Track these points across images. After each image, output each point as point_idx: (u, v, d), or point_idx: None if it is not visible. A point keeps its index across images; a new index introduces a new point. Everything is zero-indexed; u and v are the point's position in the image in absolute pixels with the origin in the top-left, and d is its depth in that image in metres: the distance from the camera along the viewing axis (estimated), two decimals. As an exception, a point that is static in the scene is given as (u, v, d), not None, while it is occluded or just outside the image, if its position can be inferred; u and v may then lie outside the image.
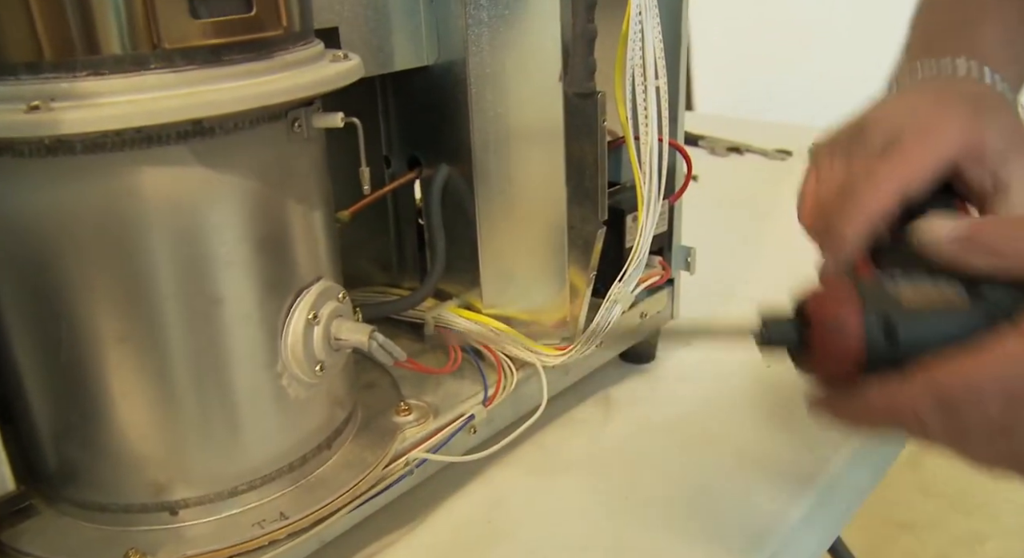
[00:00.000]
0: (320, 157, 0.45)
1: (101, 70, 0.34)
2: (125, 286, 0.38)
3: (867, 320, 0.34)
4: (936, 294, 0.34)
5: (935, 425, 0.33)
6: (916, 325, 0.34)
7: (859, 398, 0.35)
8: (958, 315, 0.34)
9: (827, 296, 0.35)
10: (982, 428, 0.33)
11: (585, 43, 0.50)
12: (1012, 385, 0.32)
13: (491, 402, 0.54)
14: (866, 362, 0.34)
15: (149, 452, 0.42)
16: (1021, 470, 0.35)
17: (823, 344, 0.35)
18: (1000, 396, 0.32)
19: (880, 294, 0.35)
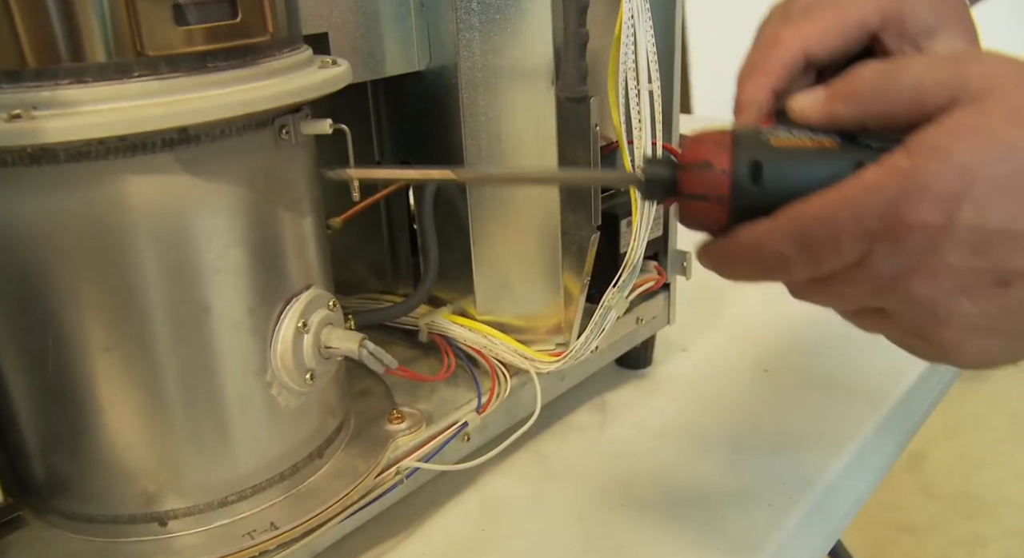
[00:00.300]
0: (310, 164, 0.44)
1: (84, 78, 0.34)
2: (111, 295, 0.38)
3: (734, 160, 0.33)
4: (809, 140, 0.34)
5: (797, 265, 0.33)
6: (783, 164, 0.33)
7: (729, 240, 0.34)
8: (827, 155, 0.33)
9: (700, 139, 0.35)
10: (839, 265, 0.32)
11: (577, 47, 0.50)
12: (864, 214, 0.30)
13: (485, 409, 0.53)
14: (733, 204, 0.33)
15: (138, 462, 0.42)
16: (882, 323, 0.34)
17: (691, 184, 0.34)
18: (854, 227, 0.31)
19: (753, 139, 0.34)
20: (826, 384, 0.66)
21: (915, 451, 1.94)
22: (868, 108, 0.33)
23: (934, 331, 0.32)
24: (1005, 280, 0.30)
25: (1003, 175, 0.29)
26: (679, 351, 0.73)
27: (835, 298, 0.34)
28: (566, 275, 0.57)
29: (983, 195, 0.29)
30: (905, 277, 0.31)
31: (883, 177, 0.30)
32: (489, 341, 0.57)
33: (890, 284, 0.31)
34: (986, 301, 0.31)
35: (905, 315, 0.32)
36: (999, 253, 0.30)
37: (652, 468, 0.57)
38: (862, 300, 0.33)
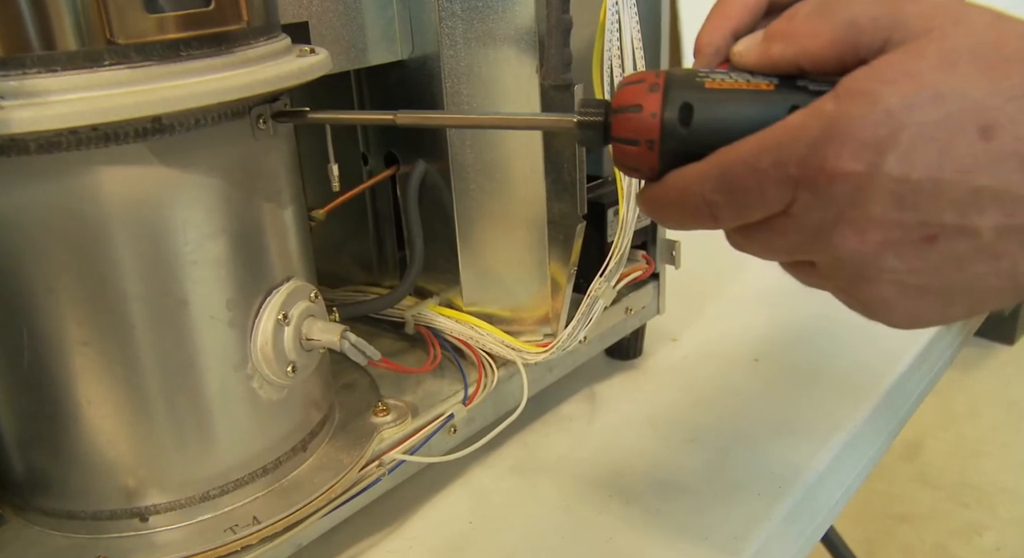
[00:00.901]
0: (289, 154, 0.44)
1: (53, 67, 0.33)
2: (86, 289, 0.38)
3: (665, 102, 0.32)
4: (746, 82, 0.32)
5: (723, 210, 0.31)
6: (715, 107, 0.31)
7: (660, 185, 0.33)
8: (761, 97, 0.31)
9: (632, 80, 0.33)
10: (765, 212, 0.31)
11: (560, 34, 0.50)
12: (786, 159, 0.29)
13: (471, 401, 0.53)
14: (663, 148, 0.32)
15: (117, 458, 0.41)
16: (815, 277, 0.33)
17: (621, 128, 0.33)
18: (775, 173, 0.29)
19: (686, 81, 0.32)
20: (816, 374, 0.65)
21: (911, 441, 1.94)
22: (802, 47, 0.31)
23: (862, 287, 0.31)
24: (932, 234, 0.28)
25: (931, 123, 0.27)
26: (669, 341, 0.72)
27: (766, 248, 0.32)
28: (553, 265, 0.56)
29: (909, 143, 0.27)
30: (829, 229, 0.29)
31: (807, 120, 0.29)
32: (476, 332, 0.57)
33: (815, 236, 0.30)
34: (913, 256, 0.29)
35: (833, 269, 0.31)
36: (925, 205, 0.28)
37: (641, 458, 0.57)
38: (792, 252, 0.32)
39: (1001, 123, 0.27)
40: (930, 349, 0.70)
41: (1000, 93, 0.27)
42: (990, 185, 0.27)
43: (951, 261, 0.29)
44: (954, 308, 0.30)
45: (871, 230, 0.29)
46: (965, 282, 0.29)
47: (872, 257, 0.29)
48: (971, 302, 0.30)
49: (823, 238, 0.30)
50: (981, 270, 0.29)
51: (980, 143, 0.27)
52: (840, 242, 0.29)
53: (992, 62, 0.27)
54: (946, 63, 0.27)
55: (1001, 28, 0.28)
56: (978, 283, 0.29)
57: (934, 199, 0.28)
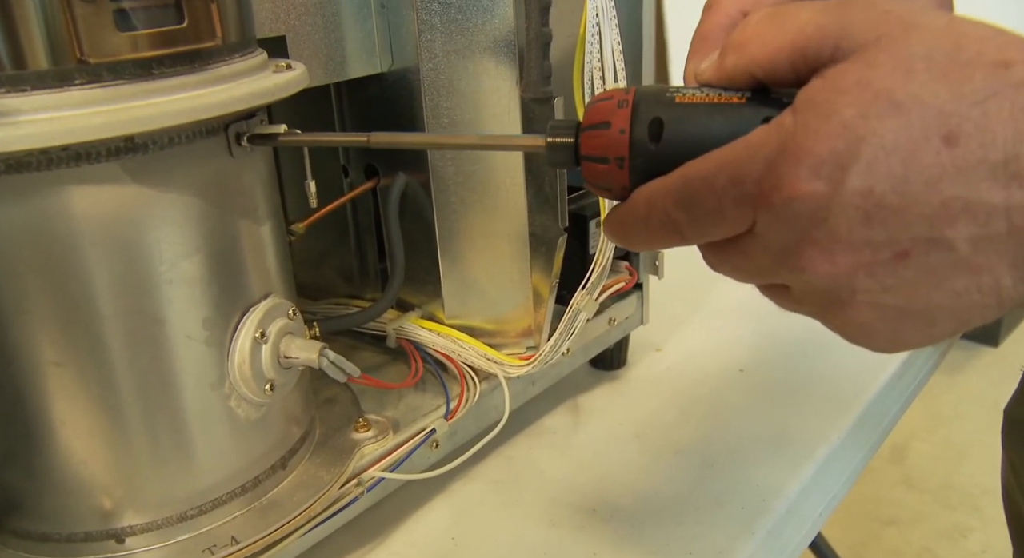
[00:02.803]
0: (266, 170, 0.44)
1: (22, 86, 0.33)
2: (59, 309, 0.37)
3: (634, 118, 0.31)
4: (716, 96, 0.31)
5: (685, 226, 0.30)
6: (685, 122, 0.30)
7: (626, 203, 0.32)
8: (732, 110, 0.30)
9: (601, 98, 0.32)
10: (728, 231, 0.29)
11: (539, 47, 0.49)
12: (743, 177, 0.28)
13: (453, 416, 0.53)
14: (633, 166, 0.31)
15: (93, 478, 0.41)
16: (791, 300, 0.31)
17: (590, 145, 0.32)
18: (733, 191, 0.28)
19: (656, 96, 0.31)
20: (801, 384, 0.65)
21: (897, 444, 1.95)
22: (752, 56, 0.30)
23: (838, 312, 0.29)
24: (904, 251, 0.27)
25: (891, 133, 0.26)
26: (653, 351, 0.72)
27: (737, 270, 0.31)
28: (535, 277, 0.56)
29: (870, 156, 0.26)
30: (795, 251, 0.28)
31: (765, 136, 0.28)
32: (458, 346, 0.56)
33: (783, 258, 0.28)
34: (886, 276, 0.27)
35: (806, 293, 0.29)
36: (893, 221, 0.26)
37: (625, 471, 0.57)
38: (763, 274, 0.30)
39: (965, 129, 0.25)
40: (913, 358, 0.70)
41: (962, 98, 0.25)
42: (959, 194, 0.26)
43: (928, 278, 0.27)
44: (937, 328, 0.29)
45: (839, 251, 0.27)
46: (946, 300, 0.28)
47: (844, 279, 0.28)
48: (954, 320, 0.28)
49: (791, 261, 0.28)
50: (961, 286, 0.27)
51: (945, 151, 0.25)
52: (808, 265, 0.28)
53: (951, 66, 0.26)
54: (902, 70, 0.26)
55: (959, 31, 0.27)
56: (960, 300, 0.27)
57: (902, 213, 0.26)
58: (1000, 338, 2.35)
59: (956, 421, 2.03)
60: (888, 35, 0.27)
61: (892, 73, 0.26)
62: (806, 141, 0.26)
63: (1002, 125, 0.25)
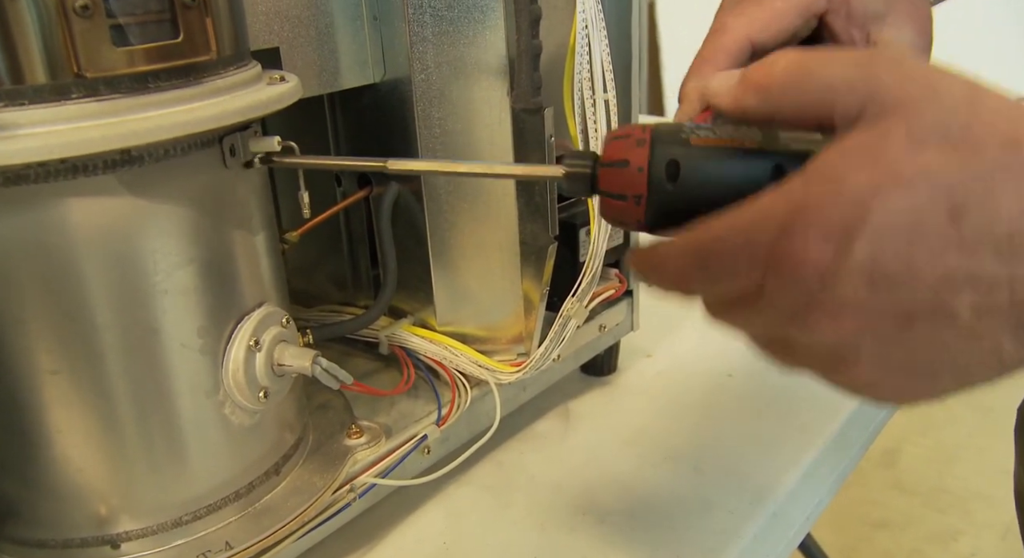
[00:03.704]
0: (260, 181, 0.44)
1: (20, 100, 0.33)
2: (56, 318, 0.38)
3: (652, 158, 0.32)
4: (729, 139, 0.32)
5: (697, 284, 0.31)
6: (701, 164, 0.32)
7: (649, 250, 0.32)
8: (745, 156, 0.31)
9: (620, 135, 0.33)
10: (738, 290, 0.30)
11: (530, 59, 0.50)
12: (755, 242, 0.29)
13: (444, 422, 0.53)
14: (650, 203, 0.32)
15: (89, 485, 0.41)
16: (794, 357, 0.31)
17: (609, 182, 0.33)
18: (745, 254, 0.29)
19: (673, 136, 0.32)
20: (788, 389, 0.66)
21: (889, 448, 1.96)
22: (777, 104, 0.31)
23: (843, 371, 0.30)
24: (908, 316, 0.28)
25: (899, 208, 0.27)
26: (644, 357, 0.73)
27: (744, 326, 0.32)
28: (526, 285, 0.57)
29: (878, 229, 0.27)
30: (803, 312, 0.29)
31: (775, 203, 0.29)
32: (449, 352, 0.57)
33: (789, 319, 0.29)
34: (891, 340, 0.28)
35: (812, 352, 0.30)
36: (898, 289, 0.27)
37: (614, 476, 0.57)
38: (768, 331, 0.31)
39: (971, 204, 0.26)
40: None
41: (970, 173, 0.26)
42: (963, 267, 0.26)
43: (931, 342, 0.28)
44: (942, 384, 0.29)
45: (845, 315, 0.28)
46: (948, 362, 0.28)
47: (850, 340, 0.29)
48: (958, 379, 0.29)
49: (798, 321, 0.29)
50: (963, 350, 0.28)
51: (950, 226, 0.26)
52: (815, 326, 0.29)
53: (963, 141, 0.27)
54: (915, 142, 0.27)
55: (976, 102, 0.28)
56: (962, 362, 0.28)
57: (907, 283, 0.27)
58: (991, 342, 2.36)
59: (947, 425, 2.04)
60: (910, 101, 0.27)
61: (905, 147, 0.27)
62: (817, 212, 0.27)
63: (1007, 201, 0.26)
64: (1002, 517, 1.73)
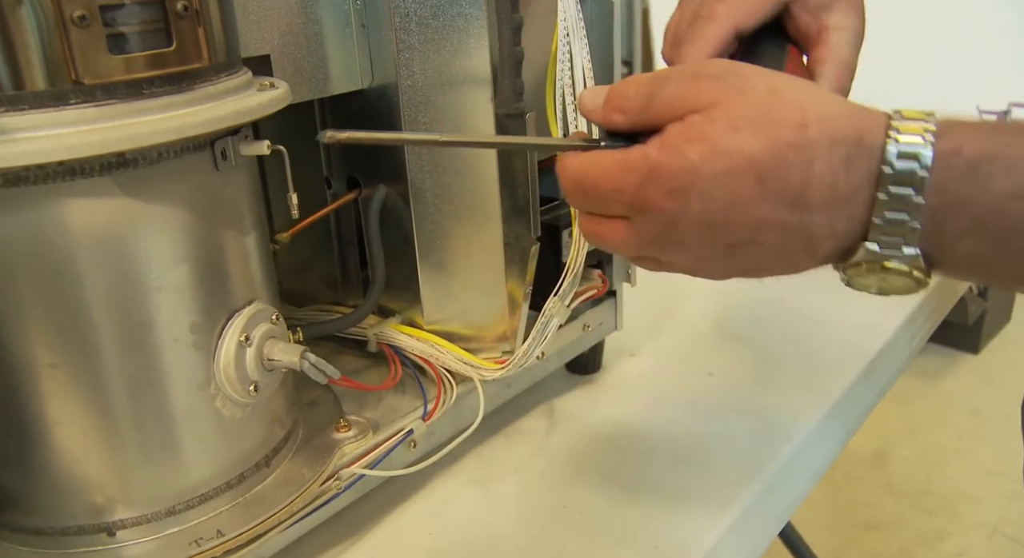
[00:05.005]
0: (251, 182, 0.46)
1: (21, 106, 0.35)
2: (53, 314, 0.39)
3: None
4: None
5: (582, 207, 0.42)
6: None
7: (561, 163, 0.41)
8: None
9: None
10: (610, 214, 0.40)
11: (512, 65, 0.52)
12: (622, 189, 0.38)
13: (430, 417, 0.55)
14: None
15: (85, 475, 0.43)
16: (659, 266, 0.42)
17: None
18: (615, 196, 0.39)
19: None
20: (767, 386, 0.68)
21: (878, 449, 1.98)
22: (636, 121, 0.39)
23: (694, 274, 0.41)
24: (732, 248, 0.38)
25: (721, 173, 0.36)
26: (628, 356, 0.74)
27: (618, 246, 0.41)
28: (510, 285, 0.59)
29: (706, 188, 0.36)
30: (660, 242, 0.39)
31: (638, 162, 0.38)
32: (436, 350, 0.59)
33: (651, 244, 0.39)
34: (723, 259, 0.39)
35: (671, 265, 0.41)
36: (723, 230, 0.37)
37: (595, 471, 0.59)
38: (637, 250, 0.41)
39: (771, 173, 0.36)
40: (879, 360, 0.73)
41: (770, 150, 0.35)
42: (767, 216, 0.36)
43: (749, 261, 0.39)
44: (762, 276, 0.41)
45: (688, 246, 0.39)
46: (764, 268, 0.40)
47: (694, 260, 0.40)
48: (772, 274, 0.40)
49: (657, 247, 0.40)
50: (772, 263, 0.39)
51: (757, 187, 0.36)
52: (670, 251, 0.40)
53: (766, 126, 0.36)
54: (731, 127, 0.36)
55: (776, 97, 0.37)
56: (773, 268, 0.40)
57: (728, 226, 0.37)
58: (980, 346, 2.38)
59: (936, 427, 2.06)
60: (726, 100, 0.37)
61: (724, 129, 0.36)
62: (664, 174, 0.37)
63: (795, 171, 0.35)
64: (989, 518, 1.75)
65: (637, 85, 0.40)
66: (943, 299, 0.87)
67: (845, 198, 0.35)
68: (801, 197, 0.36)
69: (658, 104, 0.39)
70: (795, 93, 0.37)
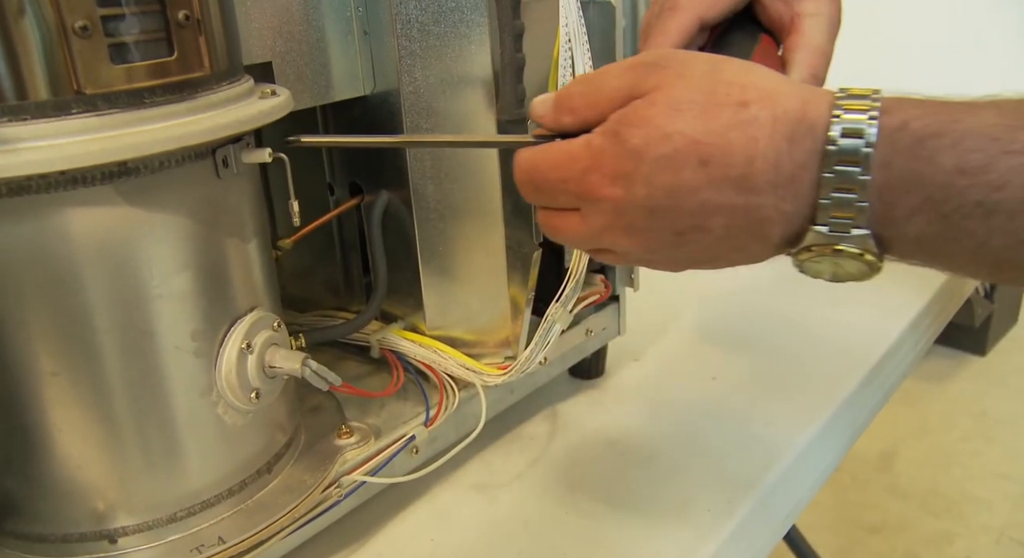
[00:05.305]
0: (252, 190, 0.46)
1: (23, 116, 0.35)
2: (56, 322, 0.39)
3: None
4: None
5: (535, 200, 0.42)
6: None
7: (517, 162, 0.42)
8: None
9: None
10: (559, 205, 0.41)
11: (513, 72, 0.52)
12: (568, 178, 0.39)
13: (432, 423, 0.55)
14: None
15: (87, 482, 0.43)
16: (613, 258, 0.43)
17: None
18: (562, 186, 0.39)
19: None
20: (770, 391, 0.68)
21: (885, 451, 1.97)
22: (584, 118, 0.39)
23: (647, 265, 0.42)
24: (680, 235, 0.38)
25: (663, 156, 0.36)
26: (631, 361, 0.74)
27: (571, 238, 0.41)
28: (512, 290, 0.59)
29: (649, 172, 0.36)
30: (609, 232, 0.39)
31: (582, 150, 0.38)
32: (438, 356, 0.59)
33: (601, 234, 0.39)
34: (672, 246, 0.38)
35: (623, 255, 0.41)
36: (670, 215, 0.37)
37: (598, 477, 0.59)
38: (589, 243, 0.41)
39: (714, 154, 0.35)
40: (882, 365, 0.72)
41: (711, 131, 0.35)
42: (712, 199, 0.36)
43: (699, 247, 0.38)
44: (716, 266, 0.40)
45: (636, 234, 0.38)
46: (715, 257, 0.39)
47: (644, 250, 0.39)
48: (725, 264, 0.40)
49: (607, 237, 0.39)
50: (723, 250, 0.38)
51: (701, 170, 0.36)
52: (618, 241, 0.39)
53: (706, 106, 0.36)
54: (672, 110, 0.36)
55: (715, 77, 0.37)
56: (725, 256, 0.39)
57: (675, 210, 0.37)
58: (987, 347, 2.37)
59: (943, 429, 2.06)
60: (666, 84, 0.37)
61: (665, 112, 0.36)
62: (607, 160, 0.37)
63: (739, 151, 0.35)
64: (996, 520, 1.74)
65: (581, 83, 0.40)
66: (947, 303, 0.87)
67: (790, 177, 0.35)
68: (745, 177, 0.35)
69: (601, 97, 0.39)
70: (736, 73, 0.37)
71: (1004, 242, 0.32)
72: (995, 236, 0.32)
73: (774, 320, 0.80)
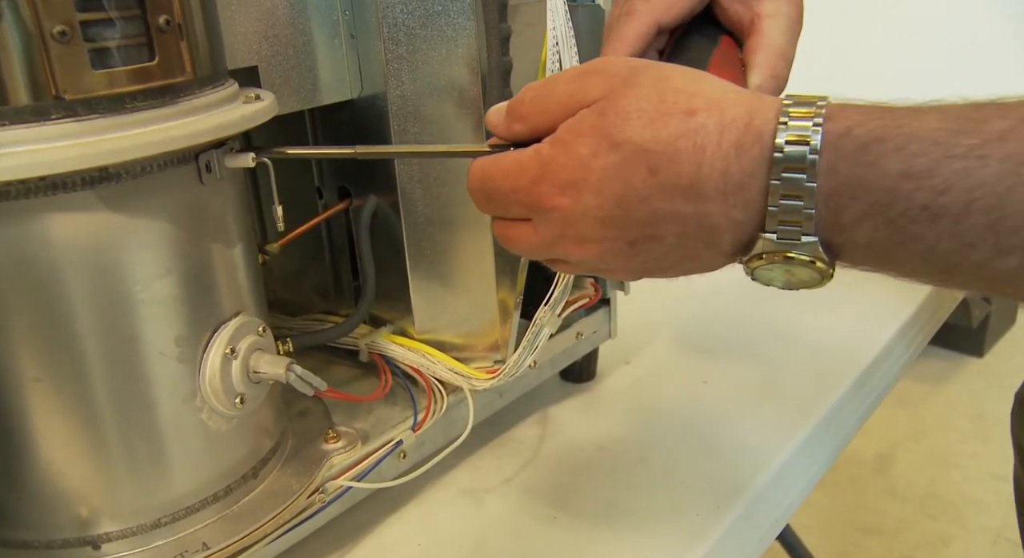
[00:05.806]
0: (237, 195, 0.46)
1: (2, 121, 0.35)
2: (38, 328, 0.39)
3: None
4: None
5: (489, 210, 0.42)
6: None
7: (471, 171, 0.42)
8: None
9: None
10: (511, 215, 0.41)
11: (500, 75, 0.52)
12: (517, 188, 0.39)
13: (420, 427, 0.55)
14: None
15: (71, 488, 0.43)
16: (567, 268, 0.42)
17: None
18: (513, 196, 0.39)
19: None
20: (760, 395, 0.68)
21: (882, 453, 1.97)
22: (535, 126, 0.39)
23: (601, 274, 0.42)
24: (632, 241, 0.38)
25: (612, 165, 0.36)
26: (623, 364, 0.74)
27: (524, 248, 0.41)
28: (501, 294, 0.58)
29: (598, 182, 0.36)
30: (560, 242, 0.39)
31: (531, 160, 0.38)
32: (427, 360, 0.59)
33: (553, 244, 0.39)
34: (624, 256, 0.38)
35: (577, 265, 0.41)
36: (620, 224, 0.37)
37: (587, 480, 0.59)
38: (542, 252, 0.41)
39: (663, 162, 0.35)
40: (873, 369, 0.72)
41: (659, 140, 0.35)
42: (662, 208, 0.36)
43: (652, 256, 0.38)
44: (670, 274, 0.40)
45: (588, 244, 0.38)
46: (668, 265, 0.39)
47: (598, 260, 0.39)
48: (679, 272, 0.40)
49: (559, 247, 0.39)
50: (676, 258, 0.38)
51: (650, 178, 0.36)
52: (570, 251, 0.39)
53: (655, 115, 0.36)
54: (621, 118, 0.36)
55: (664, 86, 0.36)
56: (679, 265, 0.39)
57: (626, 222, 0.37)
58: (985, 349, 2.37)
59: (941, 431, 2.06)
60: (614, 92, 0.37)
61: (615, 121, 0.36)
62: (555, 170, 0.37)
63: (687, 159, 0.35)
64: (993, 523, 1.74)
65: (532, 91, 0.40)
66: (939, 306, 0.87)
67: (738, 185, 0.35)
68: (694, 185, 0.35)
69: (551, 105, 0.39)
70: (684, 81, 0.37)
71: (951, 246, 0.32)
72: (943, 240, 0.32)
73: (766, 324, 0.80)
